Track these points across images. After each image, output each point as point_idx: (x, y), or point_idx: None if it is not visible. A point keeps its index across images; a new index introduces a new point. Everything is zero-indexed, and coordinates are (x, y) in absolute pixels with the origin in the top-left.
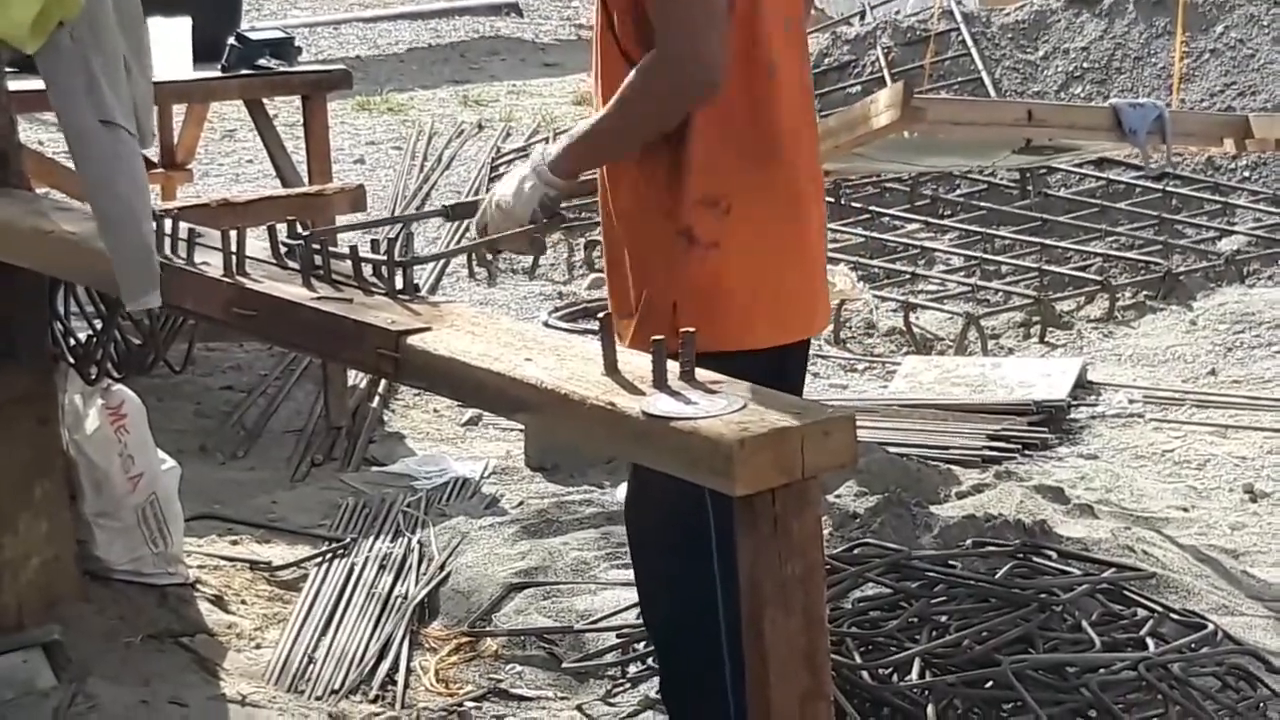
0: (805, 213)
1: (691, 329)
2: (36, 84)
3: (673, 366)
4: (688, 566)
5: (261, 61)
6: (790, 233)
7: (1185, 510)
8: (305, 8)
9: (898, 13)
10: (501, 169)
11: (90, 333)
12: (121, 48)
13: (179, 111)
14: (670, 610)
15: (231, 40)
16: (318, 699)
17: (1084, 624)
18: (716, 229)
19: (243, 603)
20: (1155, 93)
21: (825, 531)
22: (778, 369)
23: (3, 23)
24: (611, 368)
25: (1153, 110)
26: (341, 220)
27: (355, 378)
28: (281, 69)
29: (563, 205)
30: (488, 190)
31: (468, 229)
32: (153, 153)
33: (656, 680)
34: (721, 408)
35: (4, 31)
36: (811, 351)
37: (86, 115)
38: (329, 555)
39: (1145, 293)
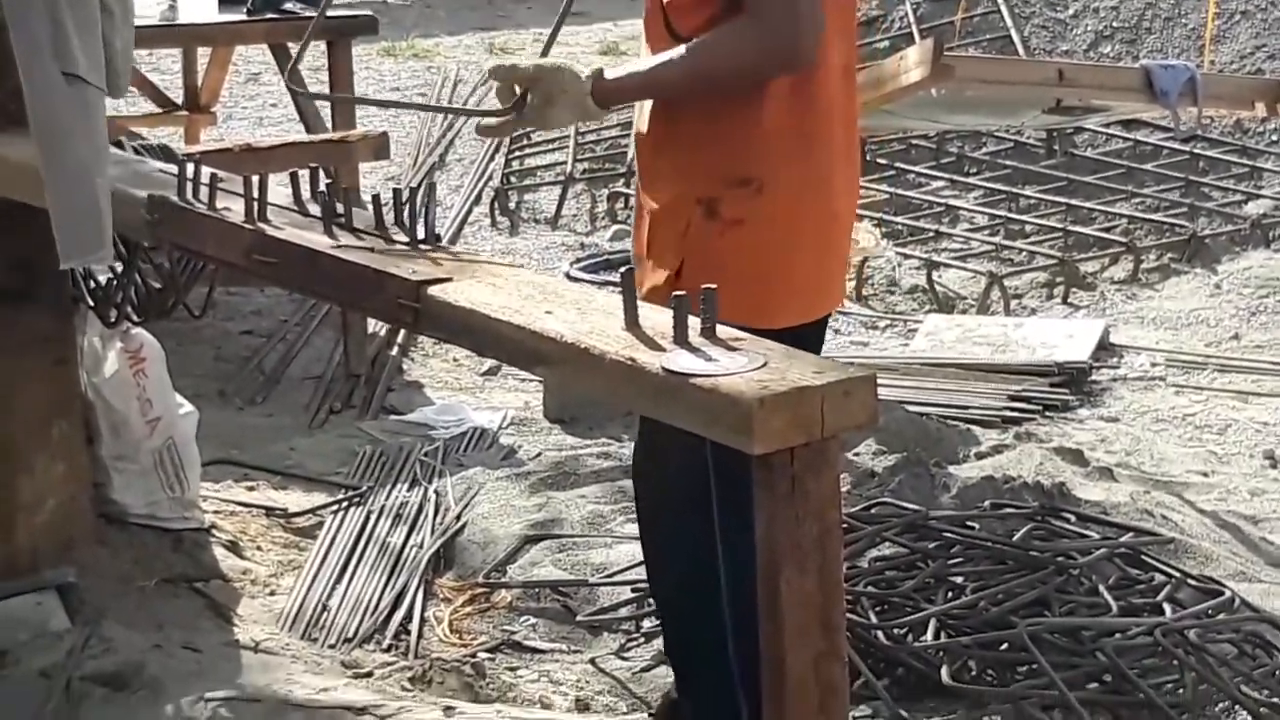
0: (834, 194)
1: (713, 285)
2: None
3: (694, 322)
4: (690, 527)
5: (287, 6)
6: (815, 214)
7: (1205, 475)
8: None
9: None
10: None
11: (110, 275)
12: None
13: (204, 54)
14: (673, 571)
15: None
16: (331, 647)
17: (1101, 588)
18: (744, 207)
19: (258, 549)
20: (1185, 54)
21: (843, 490)
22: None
23: None
24: (632, 322)
25: (1184, 72)
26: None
27: (375, 325)
28: (307, 13)
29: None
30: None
31: (491, 177)
32: (176, 96)
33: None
34: (742, 365)
35: None
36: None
37: (49, 66)
38: (345, 503)
39: (1170, 255)
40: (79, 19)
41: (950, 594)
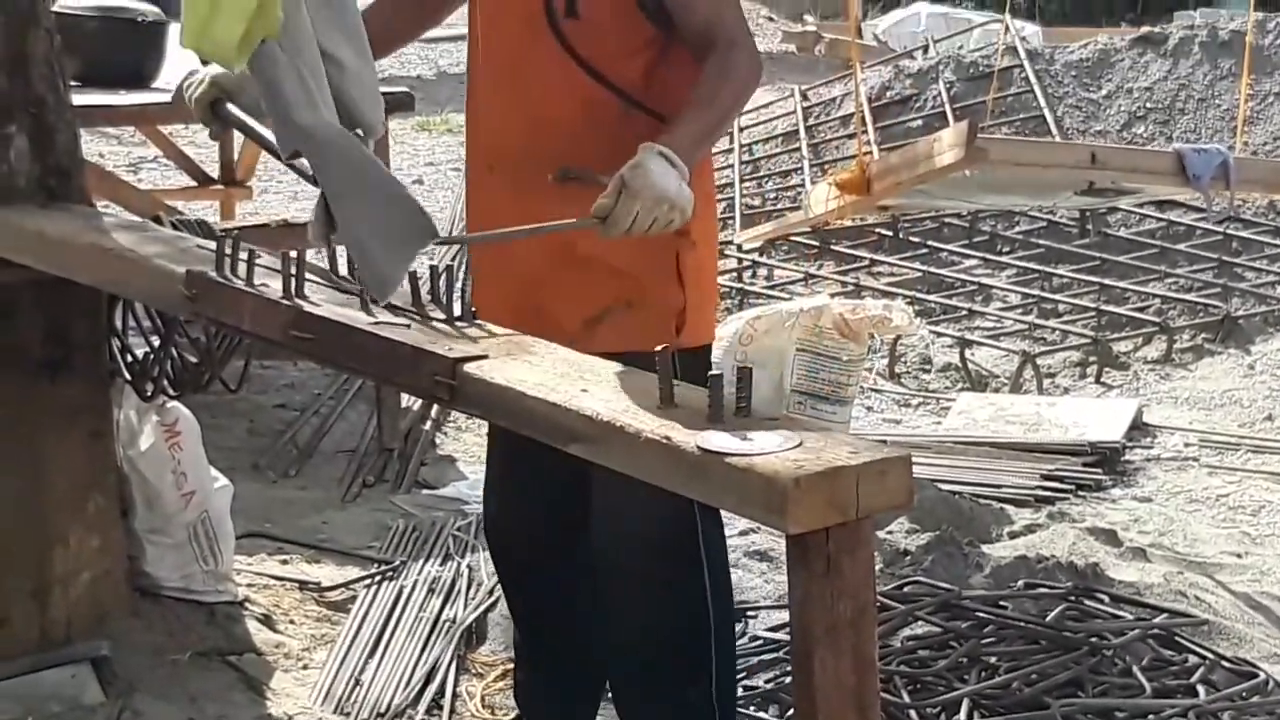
0: None
1: (750, 366)
2: (100, 98)
3: (728, 403)
4: (675, 578)
5: None
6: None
7: (1239, 556)
8: None
9: (960, 48)
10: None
11: (147, 349)
12: (317, 54)
13: None
14: (652, 623)
15: None
16: None
17: (1134, 669)
18: (694, 227)
19: (291, 622)
20: (1218, 135)
21: (876, 569)
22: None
23: (207, 44)
24: (668, 400)
25: (1217, 156)
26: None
27: (409, 400)
28: None
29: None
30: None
31: None
32: (212, 170)
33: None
34: (777, 445)
35: (209, 52)
36: (866, 385)
37: (315, 112)
38: (378, 577)
39: (1203, 335)
40: (316, 78)
41: (983, 674)
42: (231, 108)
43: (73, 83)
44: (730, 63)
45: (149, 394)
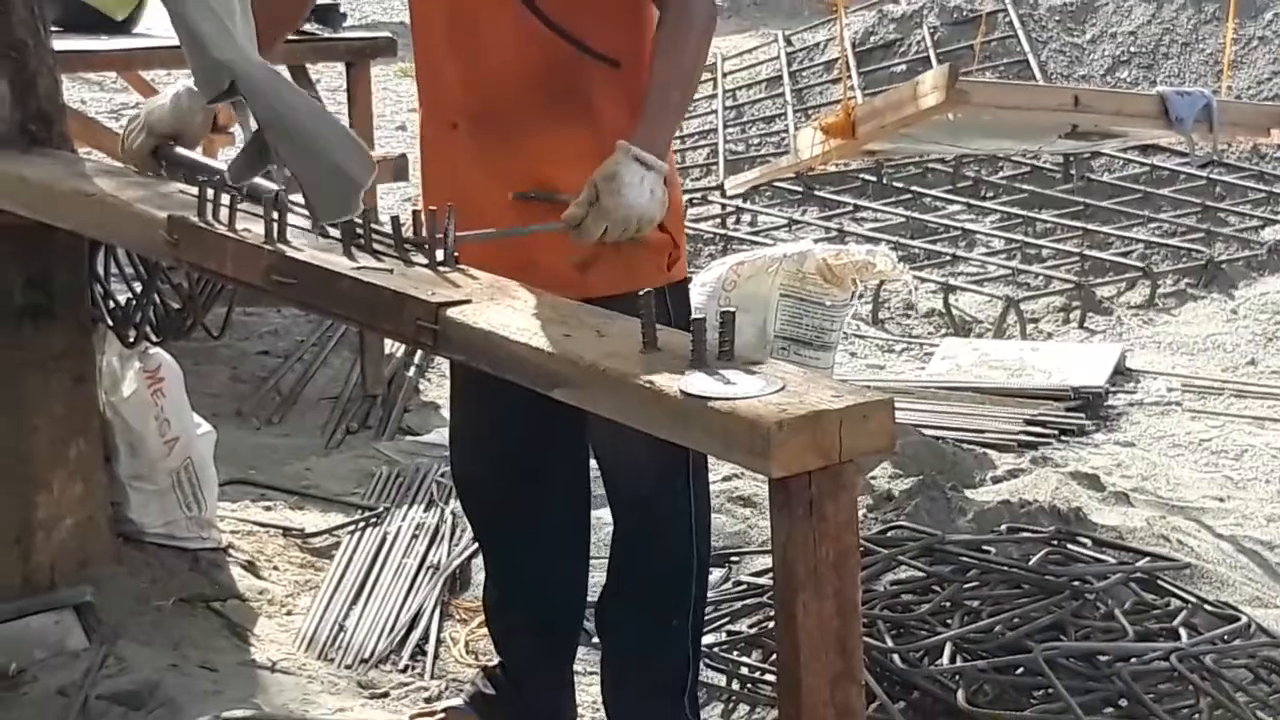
0: None
1: (732, 309)
2: (80, 44)
3: (711, 345)
4: (670, 514)
5: (306, 27)
6: None
7: (1221, 500)
8: None
9: None
10: None
11: (130, 295)
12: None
13: None
14: (646, 558)
15: None
16: (348, 667)
17: (1117, 613)
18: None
19: (275, 569)
20: (1202, 79)
21: (860, 513)
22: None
23: None
24: (651, 345)
25: (1200, 99)
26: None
27: (392, 346)
28: (326, 35)
29: None
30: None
31: None
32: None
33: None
34: (760, 389)
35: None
36: (849, 331)
37: (235, 47)
38: (362, 524)
39: (1187, 280)
40: (229, 16)
41: (966, 618)
42: (178, 150)
43: (53, 28)
44: (688, 11)
45: (132, 340)
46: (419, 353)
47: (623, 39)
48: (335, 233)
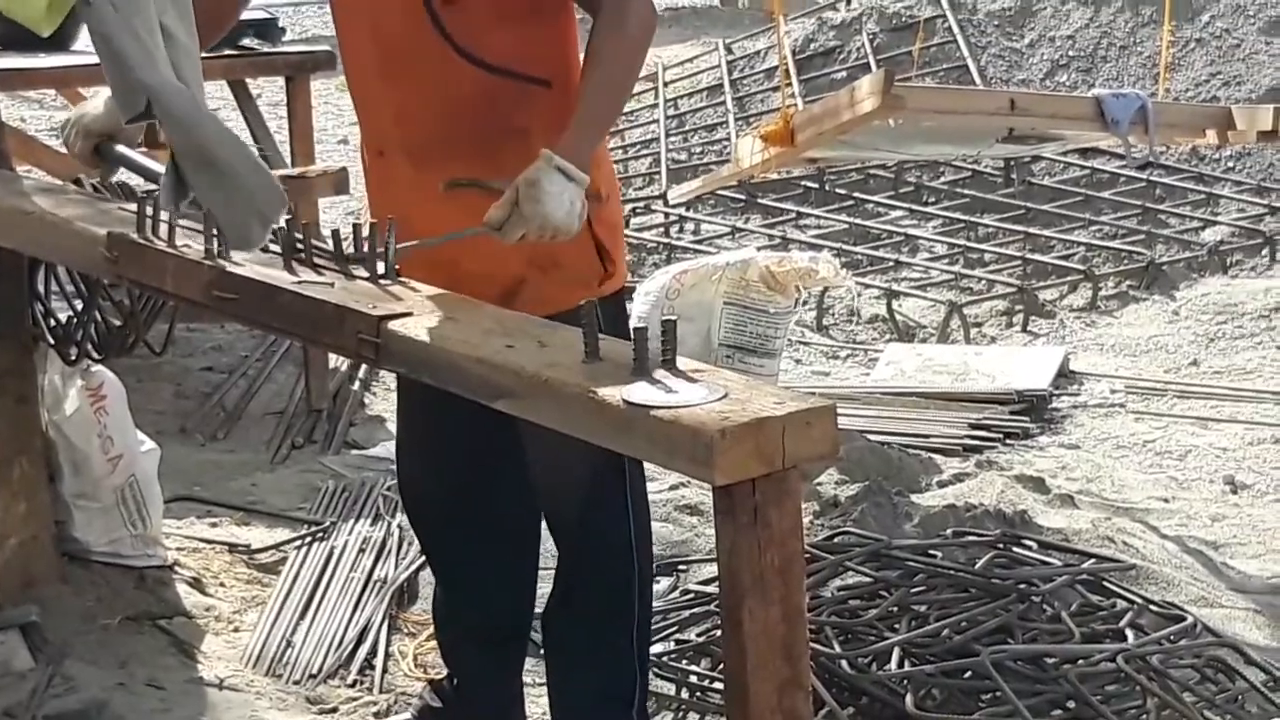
0: None
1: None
2: (18, 62)
3: (653, 354)
4: (607, 527)
5: (245, 42)
6: None
7: (1166, 501)
8: None
9: None
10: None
11: (70, 313)
12: (155, 17)
13: None
14: (584, 571)
15: None
16: (296, 683)
17: (1063, 615)
18: (599, 179)
19: (221, 585)
20: (1141, 82)
21: (805, 519)
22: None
23: (16, 5)
24: (593, 355)
25: (1135, 101)
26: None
27: (336, 360)
28: (265, 49)
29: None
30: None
31: None
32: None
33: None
34: (702, 397)
35: (18, 13)
36: (794, 338)
37: (156, 70)
38: (308, 539)
39: (1128, 282)
40: (150, 38)
41: (913, 622)
42: (118, 148)
43: None
44: (622, 19)
45: (73, 358)
46: (363, 367)
47: (551, 56)
48: (276, 247)
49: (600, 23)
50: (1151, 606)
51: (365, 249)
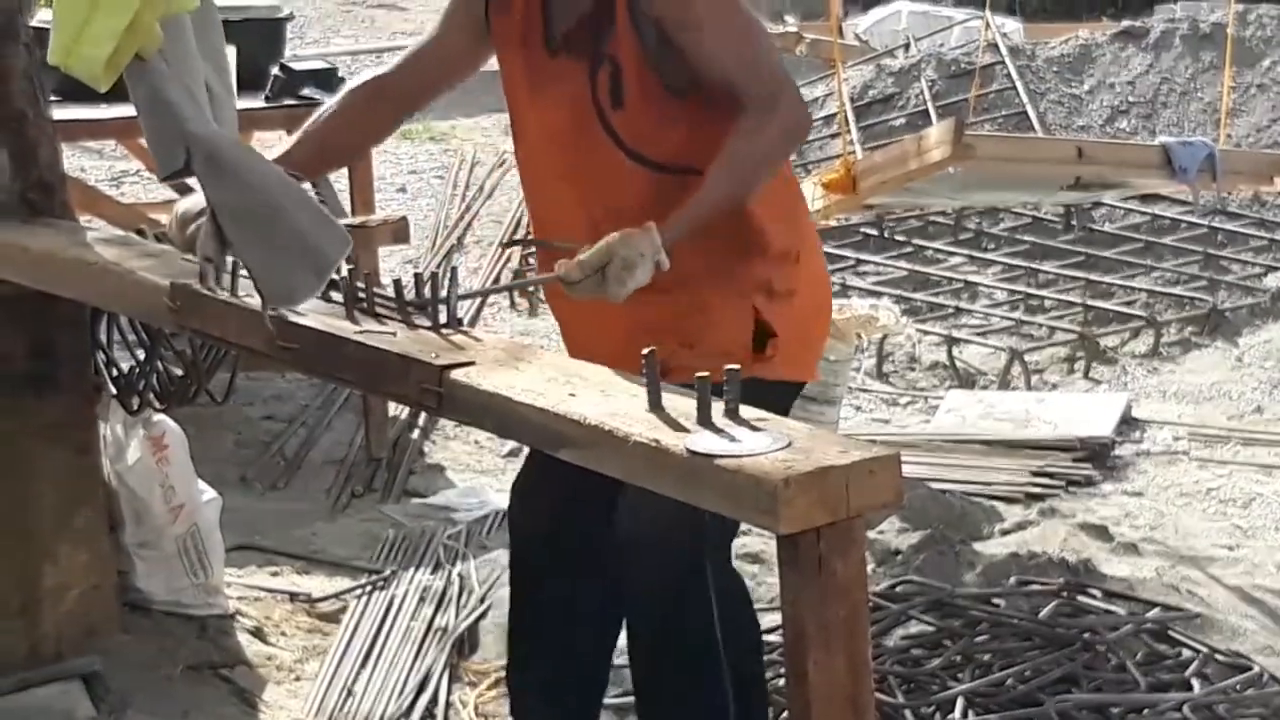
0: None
1: (736, 365)
2: (80, 112)
3: (716, 405)
4: (684, 571)
5: (305, 91)
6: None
7: (1230, 549)
8: (348, 35)
9: (941, 45)
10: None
11: (133, 363)
12: (203, 74)
13: None
14: (666, 624)
15: (275, 70)
16: None
17: (1128, 664)
18: (793, 279)
19: (282, 634)
20: (1201, 127)
21: (868, 569)
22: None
23: (75, 60)
24: (656, 404)
25: (1203, 149)
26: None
27: (396, 409)
28: (325, 99)
29: None
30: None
31: (508, 259)
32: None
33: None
34: (766, 445)
35: (76, 68)
36: (854, 385)
37: (207, 124)
38: (369, 587)
39: (1190, 329)
40: (196, 94)
41: (977, 672)
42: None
43: (53, 97)
44: (756, 131)
45: (135, 408)
46: (423, 415)
47: (712, 151)
48: (337, 296)
49: (742, 122)
50: (1217, 656)
51: (427, 297)
